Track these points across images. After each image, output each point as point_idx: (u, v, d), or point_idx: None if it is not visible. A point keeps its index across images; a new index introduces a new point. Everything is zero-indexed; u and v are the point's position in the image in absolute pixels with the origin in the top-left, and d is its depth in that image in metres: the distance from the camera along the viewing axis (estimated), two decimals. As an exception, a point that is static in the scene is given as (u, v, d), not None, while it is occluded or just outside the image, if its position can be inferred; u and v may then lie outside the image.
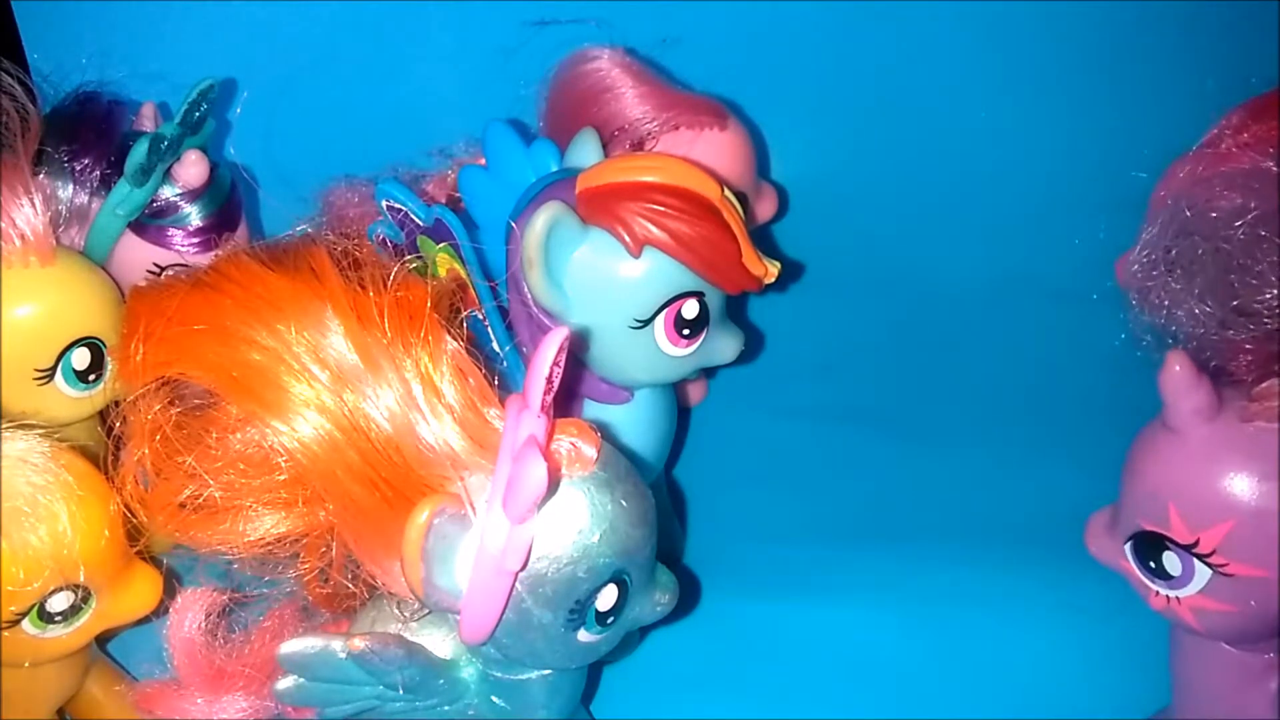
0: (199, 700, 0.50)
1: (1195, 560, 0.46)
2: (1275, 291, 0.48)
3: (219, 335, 0.45)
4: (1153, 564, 0.48)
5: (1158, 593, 0.48)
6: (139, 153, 0.61)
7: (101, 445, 0.54)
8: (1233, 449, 0.45)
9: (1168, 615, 0.49)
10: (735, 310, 0.60)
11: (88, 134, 0.64)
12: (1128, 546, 0.49)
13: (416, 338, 0.44)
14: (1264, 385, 0.45)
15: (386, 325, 0.44)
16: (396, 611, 0.50)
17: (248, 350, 0.44)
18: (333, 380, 0.44)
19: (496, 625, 0.45)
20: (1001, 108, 0.86)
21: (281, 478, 0.45)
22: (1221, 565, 0.45)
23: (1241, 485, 0.44)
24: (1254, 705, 0.50)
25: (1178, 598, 0.47)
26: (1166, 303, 0.50)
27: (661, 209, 0.53)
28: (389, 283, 0.45)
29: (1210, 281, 0.49)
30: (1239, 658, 0.50)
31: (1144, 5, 0.82)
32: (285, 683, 0.47)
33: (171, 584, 0.53)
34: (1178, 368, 0.44)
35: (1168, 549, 0.47)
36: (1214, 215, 0.49)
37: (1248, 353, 0.49)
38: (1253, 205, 0.49)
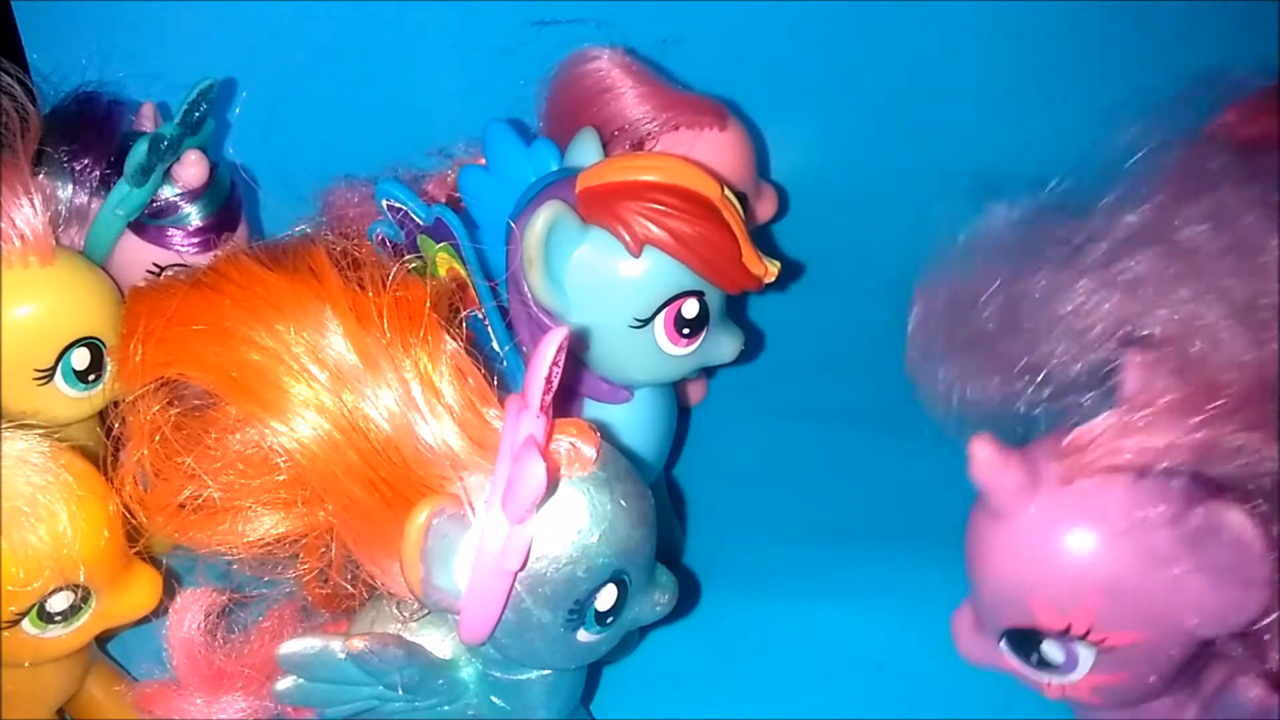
0: (198, 700, 0.50)
1: (1075, 643, 0.44)
2: (1056, 345, 0.45)
3: (218, 335, 0.45)
4: (1034, 656, 0.45)
5: (1050, 684, 0.46)
6: (139, 153, 0.61)
7: (101, 445, 0.54)
8: (1066, 518, 0.42)
9: (1069, 702, 0.46)
10: (735, 310, 0.60)
11: (88, 134, 0.64)
12: (1002, 644, 0.46)
13: (416, 338, 0.44)
14: (1068, 440, 0.42)
15: (386, 325, 0.44)
16: (396, 612, 0.50)
17: (247, 350, 0.44)
18: (332, 380, 0.44)
19: (496, 625, 0.45)
20: (1001, 107, 0.86)
21: (281, 478, 0.45)
22: (1101, 641, 0.43)
23: (1088, 554, 0.42)
24: None
25: (1071, 682, 0.45)
26: (953, 385, 0.48)
27: (661, 208, 0.53)
28: (388, 283, 0.45)
29: (988, 353, 0.47)
30: (1152, 710, 0.48)
31: (1144, 5, 0.82)
32: (284, 683, 0.47)
33: (171, 584, 0.53)
34: (984, 453, 0.42)
35: (1043, 639, 0.44)
36: (969, 298, 0.48)
37: (1044, 412, 0.46)
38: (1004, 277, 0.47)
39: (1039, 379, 0.45)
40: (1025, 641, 0.45)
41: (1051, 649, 0.45)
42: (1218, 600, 0.41)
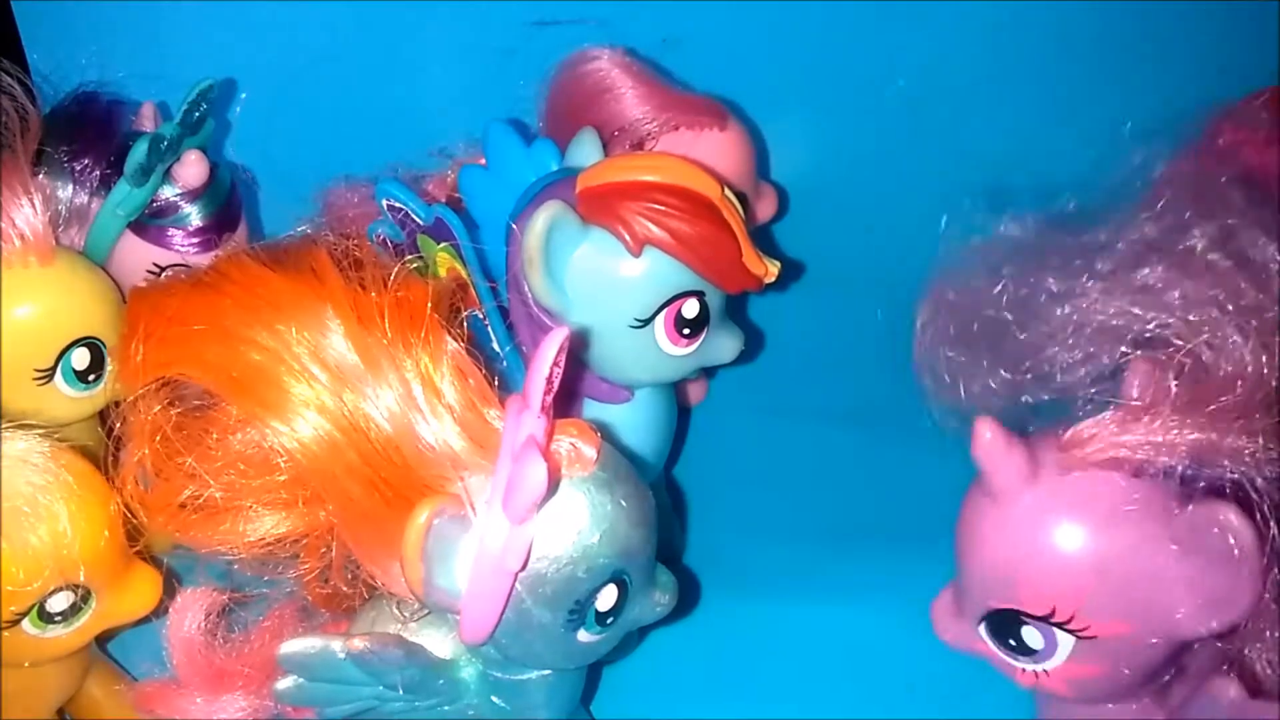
0: (199, 700, 0.50)
1: (1056, 630, 0.44)
2: (1063, 349, 0.46)
3: (219, 335, 0.45)
4: (1013, 641, 0.45)
5: (1024, 670, 0.46)
6: (139, 153, 0.61)
7: (101, 445, 0.54)
8: (1062, 505, 0.43)
9: (1040, 690, 0.47)
10: (735, 310, 0.60)
11: (88, 134, 0.64)
12: (981, 628, 0.46)
13: (417, 338, 0.44)
14: (1070, 433, 0.43)
15: (387, 325, 0.44)
16: (396, 612, 0.50)
17: (248, 350, 0.44)
18: (333, 380, 0.44)
19: (496, 625, 0.45)
20: (1001, 107, 0.86)
21: (281, 478, 0.45)
22: (1083, 629, 0.43)
23: (1081, 541, 0.42)
24: None
25: (1045, 671, 0.45)
26: (960, 380, 0.48)
27: (662, 208, 0.53)
28: (389, 283, 0.45)
29: (995, 350, 0.47)
30: (1119, 711, 0.48)
31: (1144, 6, 0.82)
32: (285, 683, 0.47)
33: (171, 584, 0.53)
34: (988, 435, 0.43)
35: (1025, 623, 0.44)
36: (978, 296, 0.48)
37: (1049, 409, 0.47)
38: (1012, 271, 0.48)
39: (1045, 377, 0.46)
40: (1006, 626, 0.45)
41: (1031, 634, 0.45)
42: (1205, 597, 0.42)
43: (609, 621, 0.47)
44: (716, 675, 0.65)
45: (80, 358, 0.58)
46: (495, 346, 0.58)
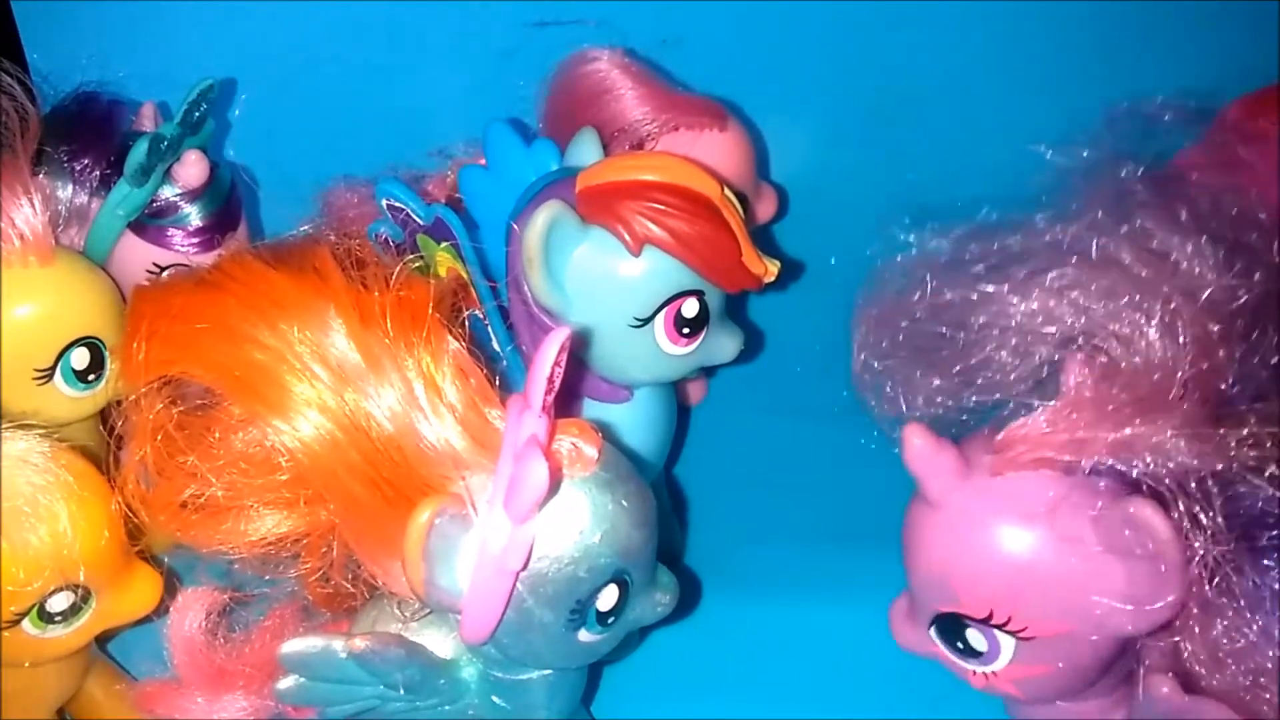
0: (199, 700, 0.50)
1: (996, 632, 0.44)
2: (990, 354, 0.46)
3: (222, 334, 0.45)
4: (960, 644, 0.46)
5: (975, 672, 0.46)
6: (139, 153, 0.61)
7: (102, 445, 0.54)
8: (990, 507, 0.43)
9: (992, 692, 0.47)
10: (735, 310, 0.60)
11: (88, 134, 0.64)
12: (932, 631, 0.47)
13: (419, 337, 0.44)
14: (1002, 435, 0.43)
15: (389, 325, 0.44)
16: (397, 611, 0.50)
17: (250, 349, 0.44)
18: (335, 379, 0.44)
19: (497, 625, 0.45)
20: (1001, 107, 0.86)
21: (283, 477, 0.45)
22: (1021, 630, 0.44)
23: (1008, 542, 0.43)
24: None
25: (993, 672, 0.46)
26: (900, 393, 0.49)
27: (661, 208, 0.53)
28: (392, 282, 0.45)
29: (927, 360, 0.48)
30: (1078, 710, 0.48)
31: (1144, 6, 0.82)
32: (286, 682, 0.48)
33: (172, 583, 0.53)
34: (917, 440, 0.44)
35: (968, 626, 0.45)
36: (903, 303, 0.49)
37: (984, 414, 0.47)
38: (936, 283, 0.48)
39: (977, 382, 0.46)
40: (952, 628, 0.46)
41: (975, 636, 0.45)
42: (1129, 592, 0.42)
43: (610, 621, 0.47)
44: (716, 675, 0.65)
45: (80, 357, 0.58)
46: (495, 347, 0.58)
